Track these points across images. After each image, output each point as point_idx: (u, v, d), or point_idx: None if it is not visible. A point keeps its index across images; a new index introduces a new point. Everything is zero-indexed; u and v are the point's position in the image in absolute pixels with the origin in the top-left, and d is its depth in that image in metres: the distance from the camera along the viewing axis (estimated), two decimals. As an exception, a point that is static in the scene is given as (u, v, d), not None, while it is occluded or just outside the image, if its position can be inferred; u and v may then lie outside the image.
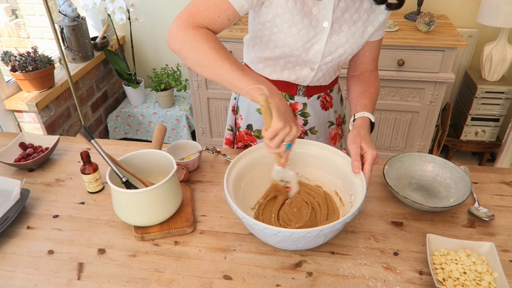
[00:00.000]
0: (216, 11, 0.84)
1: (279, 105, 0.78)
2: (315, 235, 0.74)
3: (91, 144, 0.91)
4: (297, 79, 1.06)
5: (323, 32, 0.94)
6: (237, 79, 0.79)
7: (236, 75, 0.79)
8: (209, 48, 0.81)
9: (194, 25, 0.83)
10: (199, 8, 0.84)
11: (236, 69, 0.80)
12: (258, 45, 1.04)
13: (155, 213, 0.88)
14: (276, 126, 0.76)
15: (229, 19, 0.86)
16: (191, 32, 0.82)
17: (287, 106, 0.81)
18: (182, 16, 0.84)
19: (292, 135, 0.79)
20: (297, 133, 0.80)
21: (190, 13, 0.84)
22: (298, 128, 0.80)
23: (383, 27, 1.01)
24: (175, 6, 2.54)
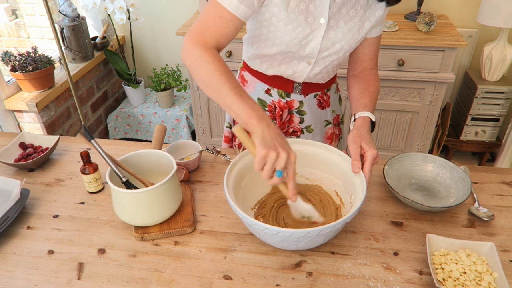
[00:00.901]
0: (223, 24, 0.88)
1: (265, 132, 0.76)
2: (315, 235, 0.74)
3: (91, 144, 0.91)
4: (293, 73, 1.06)
5: (320, 29, 0.94)
6: (233, 104, 0.81)
7: (233, 100, 0.81)
8: (214, 70, 0.84)
9: (204, 43, 0.87)
10: (207, 24, 0.88)
11: (235, 93, 0.81)
12: (257, 43, 1.04)
13: (155, 213, 0.88)
14: (259, 155, 0.74)
15: (236, 28, 0.89)
16: (200, 50, 0.86)
17: (276, 132, 0.78)
18: (192, 33, 0.89)
19: (281, 161, 0.74)
20: (289, 157, 0.76)
21: (199, 31, 0.88)
22: (290, 153, 0.76)
23: (381, 24, 1.02)
24: (175, 6, 2.54)
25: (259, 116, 0.79)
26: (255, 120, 0.78)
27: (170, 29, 2.59)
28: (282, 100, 1.13)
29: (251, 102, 0.82)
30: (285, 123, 1.18)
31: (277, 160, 0.75)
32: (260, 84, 1.13)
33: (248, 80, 1.16)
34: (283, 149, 0.75)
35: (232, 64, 2.18)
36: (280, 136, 0.78)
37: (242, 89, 0.84)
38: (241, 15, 0.88)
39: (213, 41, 0.88)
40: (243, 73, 1.18)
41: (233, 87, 0.82)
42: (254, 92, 1.15)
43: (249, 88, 1.17)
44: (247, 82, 1.17)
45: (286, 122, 1.18)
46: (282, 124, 1.17)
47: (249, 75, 1.15)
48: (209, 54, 0.86)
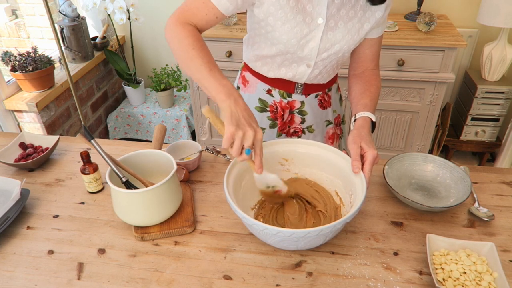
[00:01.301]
0: (204, 10, 0.91)
1: (232, 107, 0.78)
2: (315, 235, 0.74)
3: (91, 144, 0.91)
4: (294, 76, 1.07)
5: (318, 29, 0.94)
6: (204, 78, 0.83)
7: (203, 74, 0.83)
8: (188, 43, 0.87)
9: (184, 21, 0.91)
10: (190, 7, 0.92)
11: (205, 68, 0.83)
12: (257, 44, 1.04)
13: (155, 213, 0.88)
14: (227, 133, 0.76)
15: (217, 18, 0.93)
16: (179, 27, 0.90)
17: (244, 108, 0.79)
18: (175, 12, 0.93)
19: (248, 138, 0.76)
20: (256, 134, 0.77)
21: (182, 10, 0.92)
22: (257, 130, 0.77)
23: (383, 25, 1.01)
24: (175, 6, 2.53)
25: (227, 91, 0.80)
26: (223, 95, 0.80)
27: (170, 29, 2.59)
28: (284, 100, 1.13)
29: (221, 76, 0.83)
30: (286, 123, 1.18)
31: (244, 138, 0.76)
32: (261, 85, 1.14)
33: (250, 80, 1.16)
34: (250, 127, 0.77)
35: (232, 64, 2.18)
36: (248, 113, 0.80)
37: (214, 64, 0.85)
38: (223, 8, 0.90)
39: (193, 22, 0.92)
40: (244, 74, 1.18)
41: (204, 61, 0.84)
42: (255, 92, 1.15)
43: (250, 88, 1.17)
44: (248, 82, 1.17)
45: (287, 122, 1.18)
46: (283, 124, 1.17)
47: (251, 75, 1.15)
48: (186, 30, 0.89)
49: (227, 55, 2.16)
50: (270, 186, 0.90)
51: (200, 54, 0.85)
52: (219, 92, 0.80)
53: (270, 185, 0.90)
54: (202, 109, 0.81)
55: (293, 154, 0.98)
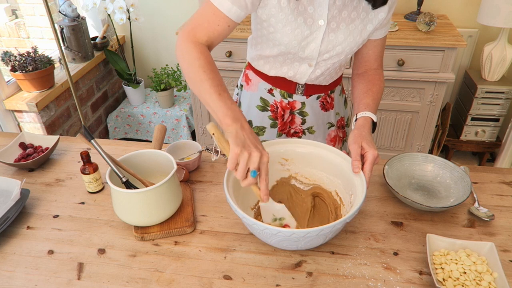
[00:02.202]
0: (215, 21, 0.89)
1: (238, 131, 0.77)
2: (315, 235, 0.74)
3: (91, 144, 0.91)
4: (295, 75, 1.06)
5: (319, 30, 0.94)
6: (212, 100, 0.82)
7: (212, 97, 0.82)
8: (198, 66, 0.85)
9: (194, 39, 0.89)
10: (201, 21, 0.89)
11: (214, 91, 0.82)
12: (260, 44, 1.05)
13: (155, 213, 0.88)
14: (232, 152, 0.75)
15: (229, 26, 0.91)
16: (190, 46, 0.88)
17: (250, 132, 0.79)
18: (185, 29, 0.90)
19: (254, 160, 0.74)
20: (262, 157, 0.75)
21: (192, 27, 0.90)
22: (263, 153, 0.76)
23: (387, 26, 1.01)
24: (175, 6, 2.54)
25: (234, 116, 0.79)
26: (230, 120, 0.78)
27: (170, 29, 2.59)
28: (284, 100, 1.13)
29: (229, 101, 0.82)
30: (286, 123, 1.18)
31: (250, 159, 0.75)
32: (263, 84, 1.14)
33: (252, 79, 1.16)
34: (256, 149, 0.76)
35: (232, 64, 2.18)
36: (254, 136, 0.79)
37: (223, 87, 0.85)
38: (234, 16, 0.89)
39: (204, 38, 0.90)
40: (247, 72, 1.19)
41: (214, 84, 0.83)
42: (257, 91, 1.16)
43: (252, 86, 1.17)
44: (251, 81, 1.17)
45: (287, 122, 1.17)
46: (283, 124, 1.17)
47: (253, 74, 1.16)
48: (197, 50, 0.87)
49: (227, 55, 2.16)
50: (277, 218, 0.86)
51: (211, 77, 0.84)
52: (226, 116, 0.79)
53: (277, 217, 0.86)
54: (207, 126, 0.80)
55: (293, 154, 0.98)
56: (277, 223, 0.86)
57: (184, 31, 0.90)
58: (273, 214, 0.85)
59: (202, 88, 0.84)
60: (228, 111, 0.80)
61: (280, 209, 0.85)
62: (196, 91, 0.86)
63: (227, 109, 0.80)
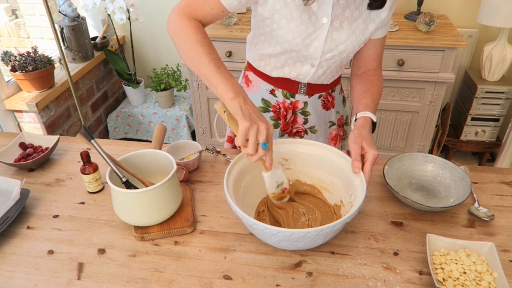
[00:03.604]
0: (211, 4, 0.90)
1: (242, 106, 0.78)
2: (315, 235, 0.74)
3: (91, 144, 0.91)
4: (297, 75, 1.06)
5: (323, 28, 0.94)
6: (211, 75, 0.83)
7: (211, 72, 0.82)
8: (195, 40, 0.86)
9: (189, 15, 0.90)
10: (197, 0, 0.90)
11: (213, 66, 0.83)
12: (261, 43, 1.04)
13: (155, 213, 0.88)
14: (243, 127, 0.76)
15: (223, 12, 0.92)
16: (185, 22, 0.88)
17: (252, 106, 0.81)
18: (180, 4, 0.91)
19: (263, 132, 0.77)
20: (268, 129, 0.78)
21: (187, 3, 0.90)
22: (268, 124, 0.78)
23: (387, 26, 1.01)
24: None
25: (235, 90, 0.80)
26: (232, 94, 0.79)
27: (170, 29, 2.59)
28: (287, 100, 1.13)
29: (228, 75, 0.83)
30: (289, 123, 1.17)
31: (259, 132, 0.77)
32: (264, 85, 1.13)
33: (253, 80, 1.16)
34: (262, 121, 0.78)
35: (232, 64, 2.18)
36: (256, 109, 0.81)
37: (221, 61, 0.85)
38: (227, 3, 0.90)
39: (198, 16, 0.91)
40: (247, 73, 1.18)
41: (212, 58, 0.84)
42: (258, 92, 1.15)
43: (253, 88, 1.16)
44: (251, 82, 1.17)
45: (290, 122, 1.17)
46: (286, 124, 1.17)
47: (254, 75, 1.15)
48: (192, 25, 0.88)
49: (227, 55, 2.16)
50: (279, 183, 0.89)
51: (208, 51, 0.84)
52: (228, 90, 0.80)
53: (278, 182, 0.89)
54: (216, 105, 0.80)
55: (293, 154, 0.98)
56: (279, 189, 0.90)
57: (178, 7, 0.90)
58: (276, 180, 0.88)
59: (200, 63, 0.84)
60: (229, 84, 0.80)
61: (280, 173, 0.89)
62: (193, 67, 0.86)
63: (227, 82, 0.81)
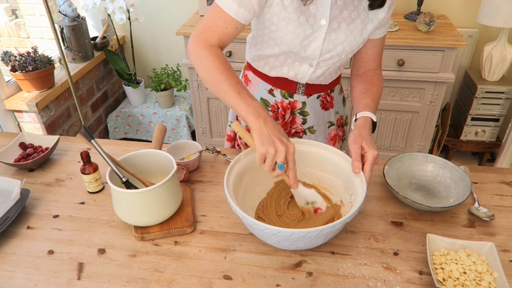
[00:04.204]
0: (223, 24, 0.91)
1: (262, 127, 0.81)
2: (315, 235, 0.74)
3: (91, 144, 0.91)
4: (296, 75, 1.06)
5: (321, 30, 0.94)
6: (232, 100, 0.85)
7: (232, 97, 0.85)
8: (214, 67, 0.88)
9: (206, 42, 0.91)
10: (209, 25, 0.91)
11: (233, 91, 0.85)
12: (260, 44, 1.05)
13: (155, 213, 0.88)
14: (259, 152, 0.79)
15: (237, 29, 0.92)
16: (202, 50, 0.90)
17: (273, 126, 0.82)
18: (196, 33, 0.92)
19: (280, 154, 0.78)
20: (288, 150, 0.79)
21: (202, 31, 0.92)
22: (288, 145, 0.79)
23: (386, 25, 1.01)
24: (175, 6, 2.54)
25: (256, 112, 0.83)
26: (253, 117, 0.82)
27: (170, 29, 2.59)
28: (285, 100, 1.13)
29: (249, 99, 0.85)
30: (287, 123, 1.18)
31: (276, 155, 0.79)
32: (263, 84, 1.14)
33: (252, 79, 1.16)
34: (281, 143, 0.79)
35: (232, 64, 2.14)
36: (278, 130, 0.82)
37: (241, 86, 0.87)
38: (241, 18, 0.90)
39: (215, 40, 0.92)
40: (246, 73, 1.19)
41: (232, 84, 0.86)
42: (257, 91, 1.16)
43: (252, 87, 1.17)
44: (250, 81, 1.17)
45: (288, 122, 1.17)
46: (284, 124, 1.17)
47: (253, 74, 1.15)
48: (210, 52, 0.89)
49: (227, 55, 2.16)
50: (310, 202, 0.90)
51: (227, 77, 0.87)
52: (249, 113, 0.83)
53: (309, 201, 0.89)
54: (232, 125, 0.84)
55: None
56: (310, 206, 0.90)
57: (195, 36, 0.92)
58: (305, 198, 0.89)
59: (221, 89, 0.87)
60: (250, 108, 0.83)
61: (311, 193, 0.89)
62: (215, 93, 0.89)
63: (248, 106, 0.83)
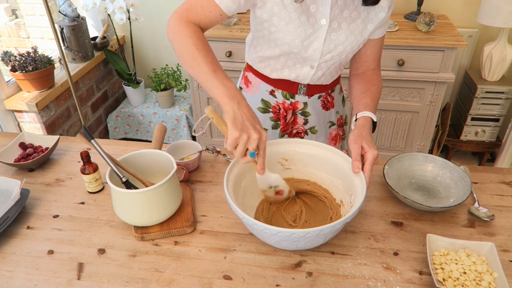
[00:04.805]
0: (208, 7, 0.90)
1: (235, 110, 0.78)
2: (315, 235, 0.74)
3: (91, 144, 0.91)
4: (297, 77, 1.06)
5: (321, 30, 0.94)
6: (207, 78, 0.83)
7: (207, 75, 0.83)
8: (191, 44, 0.86)
9: (187, 19, 0.90)
10: (194, 4, 0.91)
11: (208, 69, 0.83)
12: (260, 45, 1.04)
13: (155, 213, 0.88)
14: (231, 137, 0.77)
15: (221, 15, 0.92)
16: (182, 26, 0.89)
17: (247, 110, 0.80)
18: (179, 10, 0.91)
19: (253, 142, 0.77)
20: (260, 137, 0.78)
21: (185, 8, 0.91)
22: (261, 133, 0.78)
23: (385, 25, 1.01)
24: (175, 6, 2.53)
25: (230, 94, 0.80)
26: (226, 98, 0.80)
27: (170, 29, 2.59)
28: (287, 101, 1.13)
29: (225, 79, 0.83)
30: (289, 124, 1.17)
31: (249, 141, 0.77)
32: (264, 85, 1.13)
33: (252, 81, 1.16)
34: (254, 130, 0.78)
35: (232, 64, 2.18)
36: (251, 114, 0.80)
37: (217, 65, 0.85)
38: (225, 7, 0.90)
39: (196, 21, 0.91)
40: (246, 74, 1.18)
41: (208, 62, 0.84)
42: (258, 93, 1.15)
43: (253, 89, 1.16)
44: (251, 83, 1.16)
45: (290, 123, 1.17)
46: (286, 125, 1.17)
47: (253, 76, 1.15)
48: (189, 29, 0.88)
49: (227, 55, 2.16)
50: (273, 186, 0.90)
51: (204, 54, 0.85)
52: (222, 94, 0.80)
53: (272, 185, 0.90)
54: (205, 110, 0.81)
55: (293, 154, 0.98)
56: (272, 189, 0.91)
57: (177, 12, 0.91)
58: (269, 183, 0.89)
59: (196, 67, 0.84)
60: (224, 88, 0.81)
61: (275, 178, 0.89)
62: (190, 70, 0.87)
63: (222, 86, 0.81)
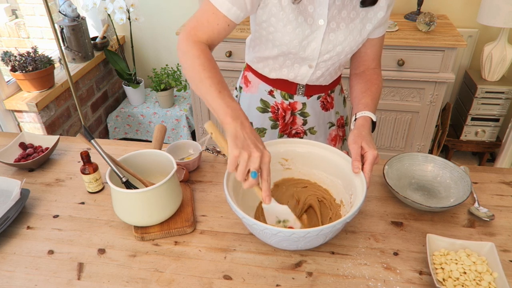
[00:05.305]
0: (215, 20, 0.89)
1: (238, 130, 0.75)
2: (315, 235, 0.74)
3: (91, 144, 0.91)
4: (296, 77, 1.06)
5: (319, 30, 0.94)
6: (212, 99, 0.82)
7: (212, 95, 0.82)
8: (198, 63, 0.86)
9: (195, 38, 0.89)
10: (201, 21, 0.90)
11: (214, 90, 0.82)
12: (258, 46, 1.04)
13: (155, 213, 0.88)
14: (231, 155, 0.73)
15: (229, 26, 0.91)
16: (190, 45, 0.88)
17: (250, 131, 0.77)
18: (186, 28, 0.91)
19: (254, 161, 0.72)
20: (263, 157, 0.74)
21: (192, 26, 0.90)
22: (264, 152, 0.74)
23: (385, 25, 1.01)
24: (175, 6, 2.54)
25: (234, 114, 0.78)
26: (230, 118, 0.78)
27: (170, 29, 2.59)
28: (285, 101, 1.13)
29: (229, 99, 0.82)
30: (288, 124, 1.17)
31: (250, 160, 0.73)
32: (263, 85, 1.13)
33: (252, 81, 1.16)
34: (256, 149, 0.74)
35: (232, 64, 2.18)
36: (254, 135, 0.77)
37: (223, 85, 0.84)
38: (233, 17, 0.89)
39: (204, 37, 0.90)
40: (246, 74, 1.18)
41: (213, 82, 0.83)
42: (257, 93, 1.15)
43: (252, 88, 1.16)
44: (250, 83, 1.17)
45: (289, 123, 1.17)
46: (285, 125, 1.17)
47: (253, 76, 1.15)
48: (197, 48, 0.88)
49: (227, 55, 2.16)
50: (281, 220, 0.84)
51: (210, 75, 0.84)
52: (226, 114, 0.78)
53: (280, 220, 0.84)
54: (205, 124, 0.80)
55: (293, 154, 0.98)
56: (281, 225, 0.84)
57: (185, 30, 0.91)
58: (277, 216, 0.83)
59: (202, 86, 0.84)
60: (228, 109, 0.79)
61: (283, 210, 0.82)
62: (196, 90, 0.86)
63: (226, 107, 0.79)
